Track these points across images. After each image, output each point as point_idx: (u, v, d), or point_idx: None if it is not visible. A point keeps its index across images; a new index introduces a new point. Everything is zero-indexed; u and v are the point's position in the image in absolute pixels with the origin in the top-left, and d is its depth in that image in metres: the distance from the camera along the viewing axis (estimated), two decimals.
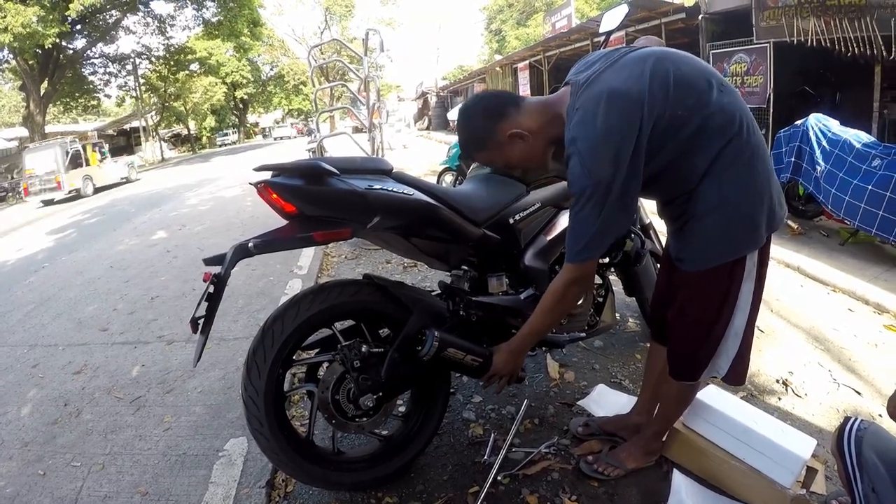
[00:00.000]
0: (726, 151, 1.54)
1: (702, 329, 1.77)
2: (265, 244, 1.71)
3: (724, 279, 1.67)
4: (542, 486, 2.14)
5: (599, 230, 1.56)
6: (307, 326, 1.90)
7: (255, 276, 5.26)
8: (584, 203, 1.54)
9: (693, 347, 1.82)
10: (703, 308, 1.75)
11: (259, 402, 1.84)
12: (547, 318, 1.82)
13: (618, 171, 1.49)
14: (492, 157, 1.76)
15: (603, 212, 1.53)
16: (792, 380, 2.79)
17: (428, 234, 1.98)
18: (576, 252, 1.62)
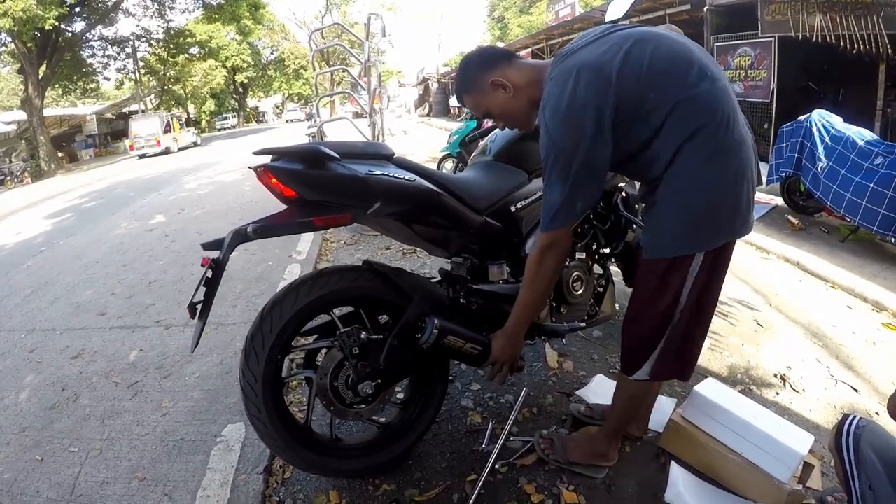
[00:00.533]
0: (695, 143, 1.50)
1: (643, 321, 1.76)
2: (264, 229, 1.70)
3: (667, 274, 1.64)
4: (540, 476, 2.14)
5: (568, 198, 1.56)
6: (306, 312, 1.88)
7: (254, 261, 5.23)
8: (549, 170, 1.57)
9: (632, 339, 1.82)
10: (645, 300, 1.73)
11: (257, 388, 1.83)
12: (531, 292, 1.80)
13: (579, 142, 1.50)
14: (476, 101, 1.82)
15: (569, 180, 1.54)
16: (790, 375, 2.78)
17: (429, 221, 1.97)
18: (547, 221, 1.63)
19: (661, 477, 2.09)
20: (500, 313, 2.18)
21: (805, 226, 5.26)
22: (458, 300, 2.12)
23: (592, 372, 2.83)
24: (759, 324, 3.35)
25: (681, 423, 2.14)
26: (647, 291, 1.71)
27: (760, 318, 3.44)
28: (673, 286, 1.64)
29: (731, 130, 1.52)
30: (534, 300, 1.84)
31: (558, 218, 1.61)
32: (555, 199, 1.58)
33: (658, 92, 1.49)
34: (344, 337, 1.92)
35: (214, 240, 1.75)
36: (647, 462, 2.19)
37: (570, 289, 2.33)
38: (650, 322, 1.73)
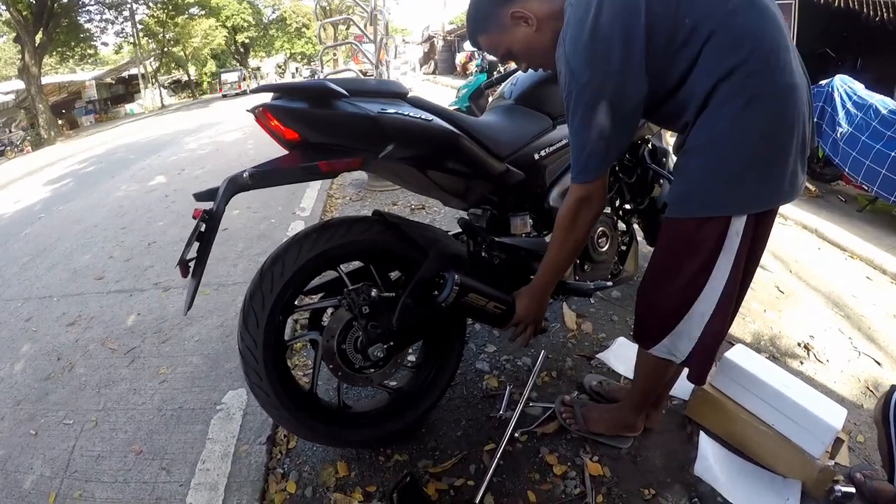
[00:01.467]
0: (732, 82, 1.24)
1: (662, 289, 1.54)
2: (263, 175, 1.50)
3: (696, 238, 1.39)
4: (562, 445, 2.00)
5: (597, 144, 1.35)
6: (310, 268, 1.70)
7: (256, 219, 5.05)
8: (572, 112, 1.36)
9: (648, 309, 1.62)
10: (669, 266, 1.50)
11: (257, 352, 1.66)
12: (561, 249, 1.60)
13: (607, 76, 1.28)
14: (494, 41, 1.59)
15: (595, 121, 1.32)
16: (813, 344, 2.67)
17: (446, 167, 1.77)
18: (578, 171, 1.43)
19: (687, 448, 1.97)
20: (523, 270, 2.01)
21: (822, 193, 5.13)
22: (480, 254, 1.93)
23: (612, 334, 2.67)
24: (780, 290, 3.22)
25: (709, 392, 2.01)
26: (671, 256, 1.49)
27: (781, 283, 3.30)
28: (702, 253, 1.40)
29: (779, 71, 1.25)
30: (564, 258, 1.64)
31: (590, 167, 1.41)
32: (583, 146, 1.38)
33: (694, 15, 1.24)
34: (352, 295, 1.73)
35: (207, 189, 1.56)
36: (673, 432, 2.06)
37: (595, 245, 2.15)
38: (671, 292, 1.50)
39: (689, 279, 1.44)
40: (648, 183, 2.44)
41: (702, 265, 1.41)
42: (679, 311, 1.50)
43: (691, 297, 1.46)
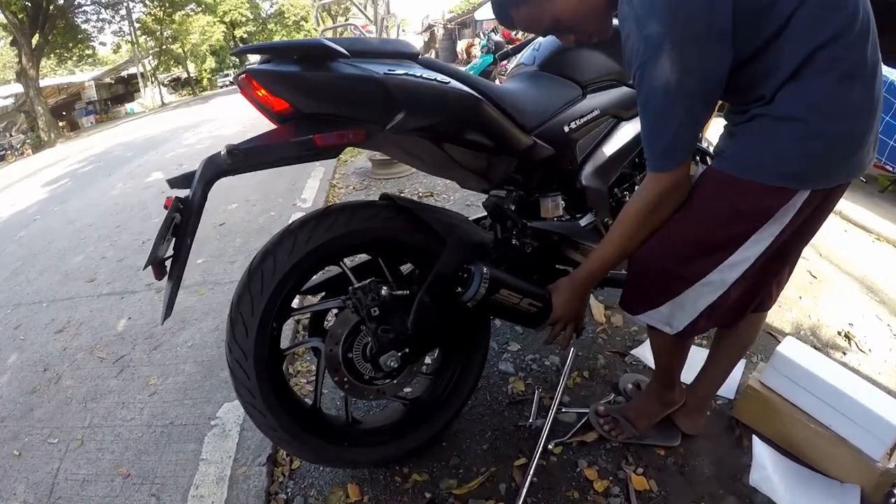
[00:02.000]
0: (827, 53, 1.06)
1: (680, 250, 1.32)
2: (246, 154, 1.24)
3: (752, 204, 1.20)
4: (602, 456, 1.76)
5: (681, 123, 1.14)
6: (308, 264, 1.44)
7: (255, 212, 4.82)
8: (648, 83, 1.12)
9: (653, 269, 1.38)
10: (702, 225, 1.28)
11: (248, 367, 1.41)
12: (628, 243, 1.36)
13: (692, 37, 1.06)
14: (533, 14, 1.32)
15: (679, 95, 1.10)
16: (854, 333, 2.43)
17: (466, 140, 1.50)
18: (659, 156, 1.20)
19: (738, 454, 1.77)
20: (550, 259, 1.76)
21: None
22: (510, 242, 1.67)
23: (643, 327, 2.38)
24: (813, 275, 2.97)
25: (759, 390, 1.82)
26: (710, 216, 1.27)
27: (813, 268, 3.05)
28: (750, 220, 1.22)
29: (872, 45, 1.10)
30: (622, 255, 1.40)
31: (675, 151, 1.18)
32: (665, 126, 1.15)
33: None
34: (358, 294, 1.48)
35: (183, 174, 1.31)
36: (721, 435, 1.85)
37: None
38: (692, 254, 1.30)
39: (721, 243, 1.27)
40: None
41: (742, 232, 1.24)
42: (691, 276, 1.32)
43: (713, 264, 1.29)
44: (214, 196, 1.33)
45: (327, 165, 6.13)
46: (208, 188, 1.27)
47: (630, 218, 1.31)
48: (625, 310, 1.51)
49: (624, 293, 1.50)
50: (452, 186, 4.89)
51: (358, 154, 6.57)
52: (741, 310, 1.43)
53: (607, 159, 1.81)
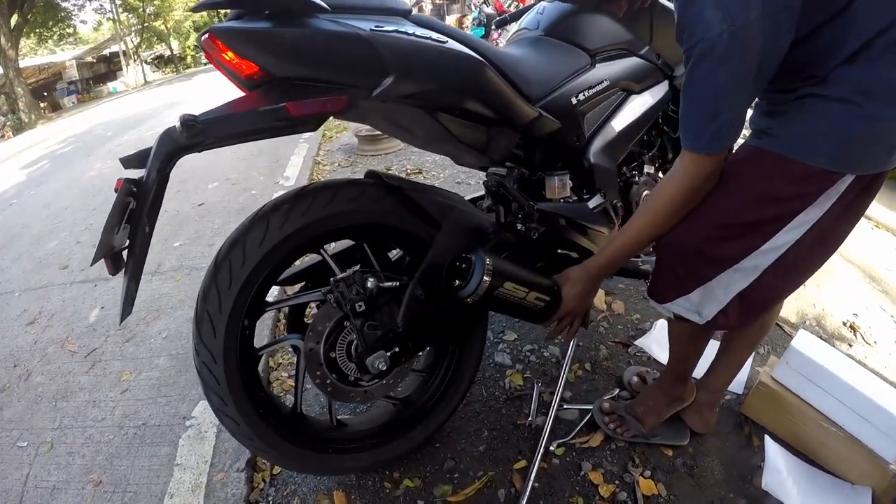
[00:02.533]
0: (887, 38, 0.95)
1: (713, 233, 1.20)
2: (208, 125, 1.04)
3: (796, 185, 1.09)
4: (607, 458, 1.64)
5: (737, 105, 1.04)
6: (282, 252, 1.27)
7: (235, 191, 4.61)
8: (707, 62, 0.99)
9: (684, 253, 1.26)
10: (740, 205, 1.17)
11: (217, 371, 1.26)
12: (654, 230, 1.25)
13: (764, 12, 0.94)
14: None
15: (741, 76, 1.00)
16: (859, 324, 2.33)
17: (465, 109, 1.33)
18: (708, 139, 1.08)
19: (747, 453, 1.67)
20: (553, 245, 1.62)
21: None
22: (514, 226, 1.50)
23: (648, 314, 2.29)
24: None
25: (771, 386, 1.72)
26: (749, 196, 1.15)
27: None
28: (790, 202, 1.11)
29: None
30: (651, 239, 1.29)
31: (727, 133, 1.06)
32: (718, 107, 1.04)
33: None
34: (341, 286, 1.32)
35: (138, 151, 1.13)
36: (729, 433, 1.75)
37: None
38: (728, 236, 1.19)
39: (760, 226, 1.16)
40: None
41: (783, 215, 1.13)
42: (726, 260, 1.22)
43: (749, 247, 1.18)
44: (193, 174, 1.17)
45: (312, 141, 5.93)
46: (166, 168, 1.10)
47: (664, 203, 1.20)
48: (653, 299, 1.38)
49: (653, 280, 1.37)
50: (442, 163, 4.70)
51: (343, 129, 6.36)
52: (770, 300, 1.31)
53: (617, 135, 1.66)
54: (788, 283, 1.28)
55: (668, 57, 1.83)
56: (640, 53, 1.76)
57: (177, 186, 4.93)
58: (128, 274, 1.13)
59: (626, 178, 1.80)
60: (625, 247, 1.29)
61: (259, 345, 1.41)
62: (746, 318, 1.30)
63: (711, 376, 1.66)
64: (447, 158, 1.70)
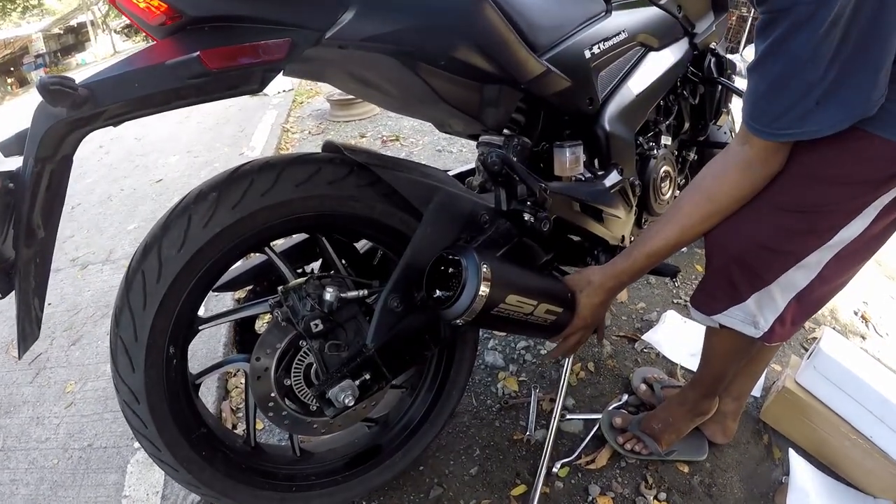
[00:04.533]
0: None
1: (786, 216, 0.98)
2: (100, 88, 0.75)
3: (880, 162, 0.87)
4: (616, 479, 1.44)
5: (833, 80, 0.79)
6: (210, 257, 0.99)
7: (197, 164, 4.31)
8: (812, 29, 0.75)
9: (745, 255, 1.04)
10: (815, 180, 0.94)
11: (142, 411, 1.00)
12: (704, 226, 1.04)
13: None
14: None
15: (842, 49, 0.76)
16: (869, 313, 2.17)
17: (454, 61, 1.05)
18: (792, 120, 0.84)
19: (768, 467, 1.51)
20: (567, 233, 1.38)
21: None
22: (521, 216, 1.20)
23: (653, 303, 2.08)
24: None
25: (795, 392, 1.55)
26: (823, 172, 0.92)
27: None
28: (870, 188, 0.91)
29: None
30: (695, 237, 1.07)
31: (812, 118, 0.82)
32: (806, 81, 0.80)
33: None
34: (291, 298, 1.05)
35: (16, 133, 0.83)
36: (748, 443, 1.57)
37: (658, 191, 1.52)
38: (797, 229, 0.98)
39: (833, 214, 0.95)
40: (715, 104, 1.81)
41: (860, 203, 0.93)
42: (792, 256, 1.01)
43: (818, 242, 0.98)
44: (153, 147, 0.89)
45: (281, 108, 5.59)
46: (54, 152, 0.81)
47: (724, 195, 1.00)
48: (699, 310, 1.17)
49: (701, 288, 1.16)
50: (422, 128, 4.37)
51: (316, 94, 6.02)
52: (824, 299, 1.12)
53: (634, 99, 1.42)
54: (845, 278, 1.09)
55: (690, 10, 1.59)
56: (661, 3, 1.52)
57: (135, 161, 4.65)
58: (20, 293, 0.89)
59: (642, 150, 1.56)
60: (666, 246, 1.07)
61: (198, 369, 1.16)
62: (798, 324, 1.12)
63: (735, 382, 1.45)
64: (429, 124, 1.42)
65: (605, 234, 1.42)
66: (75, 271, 2.93)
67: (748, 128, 0.89)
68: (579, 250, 1.47)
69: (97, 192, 4.21)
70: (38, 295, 0.91)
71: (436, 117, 1.34)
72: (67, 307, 2.58)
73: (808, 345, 1.88)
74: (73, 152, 0.85)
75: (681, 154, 1.87)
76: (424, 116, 1.36)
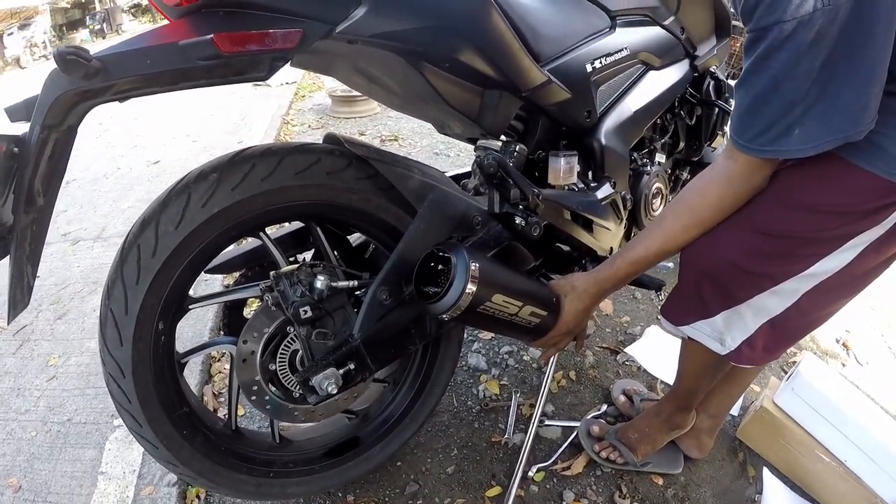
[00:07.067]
0: None
1: (756, 250, 1.01)
2: (112, 62, 0.76)
3: (860, 195, 0.89)
4: (591, 486, 1.47)
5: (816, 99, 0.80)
6: (207, 237, 1.00)
7: (195, 149, 4.30)
8: (796, 46, 0.77)
9: (716, 271, 1.07)
10: (793, 208, 0.96)
11: (127, 386, 1.02)
12: (685, 237, 1.06)
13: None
14: None
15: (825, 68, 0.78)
16: (850, 342, 2.20)
17: (459, 63, 1.07)
18: (774, 137, 0.85)
19: (742, 484, 1.54)
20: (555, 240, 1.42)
21: None
22: (513, 219, 1.24)
23: (638, 317, 2.11)
24: None
25: (772, 413, 1.59)
26: (803, 201, 0.94)
27: None
28: (852, 221, 0.92)
29: None
30: (676, 248, 1.09)
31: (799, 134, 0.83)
32: (791, 99, 0.81)
33: None
34: (283, 283, 1.06)
35: (24, 100, 0.83)
36: (723, 460, 1.60)
37: (649, 206, 1.54)
38: (771, 253, 1.00)
39: (813, 243, 0.97)
40: (712, 125, 1.85)
41: (840, 234, 0.94)
42: (763, 280, 1.03)
43: (795, 269, 1.00)
44: (152, 128, 0.89)
45: (283, 99, 5.59)
46: (61, 121, 0.82)
47: (706, 208, 1.01)
48: (667, 319, 1.20)
49: (671, 297, 1.19)
50: (421, 130, 4.40)
51: (318, 88, 6.02)
52: (802, 330, 1.14)
53: (632, 115, 1.45)
54: (823, 313, 1.10)
55: (693, 32, 1.62)
56: (665, 24, 1.54)
57: (133, 142, 4.62)
58: (13, 258, 0.88)
59: (636, 166, 1.59)
60: (647, 255, 1.08)
61: (185, 348, 1.17)
62: (773, 351, 1.13)
63: (713, 400, 1.48)
64: (428, 125, 1.44)
65: (594, 245, 1.44)
66: (66, 246, 2.92)
67: (732, 142, 0.92)
68: (568, 259, 1.49)
69: (93, 169, 4.18)
70: (32, 262, 0.91)
71: (436, 118, 1.36)
72: (56, 281, 2.57)
73: (789, 368, 1.92)
74: (79, 123, 0.86)
75: (674, 172, 1.90)
76: (425, 116, 1.38)
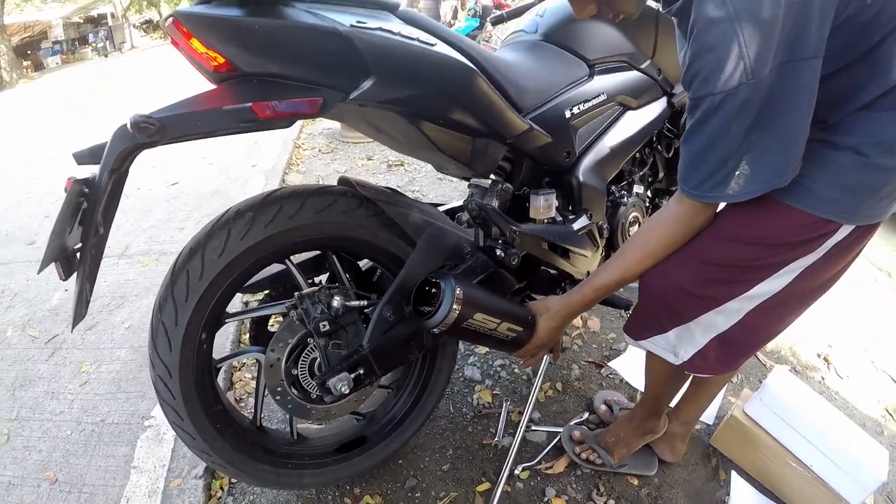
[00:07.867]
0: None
1: (703, 274, 1.17)
2: (167, 123, 0.94)
3: (793, 233, 1.05)
4: (572, 485, 1.63)
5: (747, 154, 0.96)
6: (244, 264, 1.21)
7: (211, 172, 4.48)
8: (725, 114, 0.93)
9: (667, 291, 1.23)
10: (732, 250, 1.13)
11: (173, 385, 1.21)
12: (640, 269, 1.22)
13: (801, 58, 0.89)
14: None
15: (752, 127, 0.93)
16: (832, 357, 2.33)
17: (450, 119, 1.26)
18: (713, 185, 1.00)
19: (713, 486, 1.68)
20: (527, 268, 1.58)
21: None
22: (493, 251, 1.43)
23: (622, 334, 2.23)
24: None
25: (742, 421, 1.72)
26: (742, 242, 1.11)
27: None
28: (787, 250, 1.08)
29: None
30: (636, 276, 1.25)
31: (735, 182, 0.98)
32: (732, 155, 0.96)
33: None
34: (306, 302, 1.27)
35: (90, 147, 1.02)
36: (696, 464, 1.75)
37: (626, 233, 1.72)
38: (714, 279, 1.16)
39: (749, 270, 1.13)
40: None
41: (774, 261, 1.10)
42: (709, 301, 1.19)
43: (736, 291, 1.16)
44: (169, 150, 1.07)
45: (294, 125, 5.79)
46: (122, 166, 1.01)
47: (654, 244, 1.18)
48: (628, 334, 1.38)
49: (631, 316, 1.36)
50: None
51: None
52: (751, 344, 1.30)
53: (609, 153, 1.63)
54: (771, 329, 1.26)
55: (670, 73, 1.78)
56: (641, 67, 1.71)
57: (151, 162, 4.79)
58: (80, 278, 1.06)
59: (614, 197, 1.76)
60: (609, 283, 1.25)
61: (219, 356, 1.36)
62: (726, 363, 1.29)
63: (684, 407, 1.65)
64: None
65: (572, 270, 1.63)
66: None
67: (680, 188, 1.09)
68: (550, 282, 1.68)
69: None
70: (90, 281, 1.08)
71: (434, 161, 1.56)
72: None
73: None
74: (131, 165, 1.05)
75: (653, 201, 2.06)
76: (425, 159, 1.58)
